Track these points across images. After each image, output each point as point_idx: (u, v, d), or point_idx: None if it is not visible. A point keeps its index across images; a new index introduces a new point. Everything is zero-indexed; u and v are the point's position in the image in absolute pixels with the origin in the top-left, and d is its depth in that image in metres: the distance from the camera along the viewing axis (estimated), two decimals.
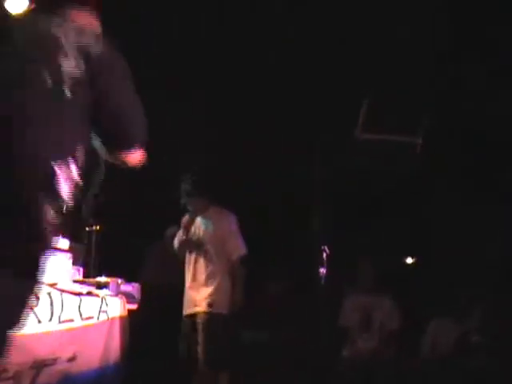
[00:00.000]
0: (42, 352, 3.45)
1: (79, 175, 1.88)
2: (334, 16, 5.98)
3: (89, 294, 3.96)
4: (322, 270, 5.47)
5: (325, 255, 5.53)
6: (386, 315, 6.27)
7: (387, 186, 8.06)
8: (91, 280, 4.43)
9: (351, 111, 6.67)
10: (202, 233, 5.01)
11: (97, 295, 4.00)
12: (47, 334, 3.49)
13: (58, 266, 4.22)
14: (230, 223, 5.05)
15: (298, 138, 7.26)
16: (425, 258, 9.07)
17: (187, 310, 4.94)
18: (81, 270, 4.72)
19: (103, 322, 4.01)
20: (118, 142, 2.03)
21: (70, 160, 1.84)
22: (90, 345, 3.88)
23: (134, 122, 2.00)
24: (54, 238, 1.83)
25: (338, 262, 5.96)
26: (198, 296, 4.90)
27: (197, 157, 7.14)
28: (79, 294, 3.85)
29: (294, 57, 6.42)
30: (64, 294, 3.71)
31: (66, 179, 1.82)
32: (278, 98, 6.88)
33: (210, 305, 4.82)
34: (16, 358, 3.25)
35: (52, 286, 3.77)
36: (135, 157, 2.12)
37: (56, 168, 1.79)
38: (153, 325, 5.73)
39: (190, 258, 5.04)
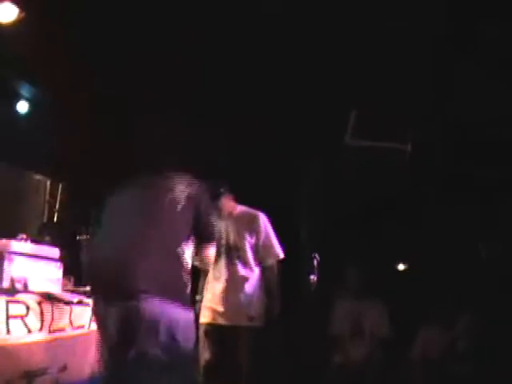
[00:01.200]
0: (33, 362, 3.44)
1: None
2: (323, 23, 6.00)
3: (79, 302, 3.95)
4: (313, 277, 5.47)
5: (315, 262, 5.53)
6: (376, 321, 6.29)
7: (377, 193, 8.08)
8: (82, 289, 4.41)
9: (341, 118, 6.68)
10: (233, 236, 4.61)
11: (87, 304, 3.99)
12: (38, 344, 3.48)
13: (49, 275, 4.22)
14: (264, 224, 4.64)
15: (286, 146, 7.28)
16: (415, 265, 9.09)
17: (217, 320, 4.51)
18: (71, 278, 4.71)
19: (94, 331, 3.99)
20: (204, 239, 3.48)
21: (186, 243, 3.27)
22: (80, 354, 3.87)
23: (213, 229, 3.53)
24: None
25: (328, 269, 5.97)
26: (234, 307, 4.49)
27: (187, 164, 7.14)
28: (70, 303, 3.85)
29: (284, 63, 6.44)
30: (54, 303, 3.70)
31: (187, 246, 3.29)
32: (265, 105, 6.90)
33: (251, 318, 4.43)
34: (6, 368, 3.25)
35: (42, 295, 3.76)
36: (212, 251, 3.60)
37: (182, 247, 3.23)
38: None
39: (217, 264, 4.52)
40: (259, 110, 6.96)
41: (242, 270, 4.55)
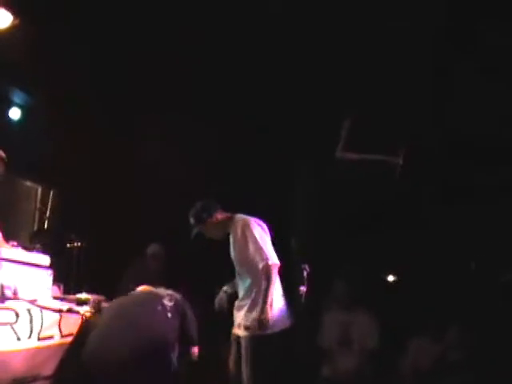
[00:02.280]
0: (22, 369, 3.42)
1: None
2: (314, 36, 6.02)
3: (69, 310, 3.94)
4: (303, 288, 5.45)
5: (305, 273, 5.52)
6: (365, 332, 6.29)
7: (368, 204, 8.09)
8: (71, 297, 4.40)
9: (332, 130, 6.70)
10: (232, 252, 4.66)
11: (77, 312, 3.98)
12: (27, 351, 3.46)
13: (39, 282, 4.20)
14: (252, 229, 4.57)
15: (278, 157, 7.29)
16: (405, 276, 9.11)
17: (234, 330, 4.61)
18: (61, 286, 4.70)
19: None
20: (189, 341, 4.12)
21: (175, 342, 3.93)
22: None
23: (195, 334, 4.14)
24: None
25: (318, 280, 5.97)
26: (238, 318, 4.58)
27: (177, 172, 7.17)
28: (59, 311, 3.83)
29: (277, 74, 6.45)
30: (44, 311, 3.69)
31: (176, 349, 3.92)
32: (257, 113, 6.91)
33: (246, 328, 4.44)
34: None
35: (32, 302, 3.75)
36: (196, 351, 4.21)
37: (171, 343, 3.88)
38: None
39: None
40: (252, 116, 6.98)
41: (243, 282, 4.60)
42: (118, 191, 7.18)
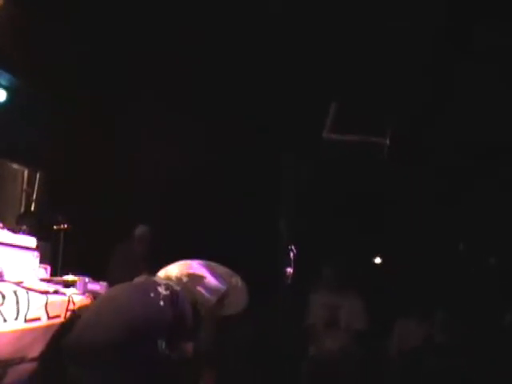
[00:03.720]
0: (8, 351, 3.42)
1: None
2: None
3: (56, 292, 3.93)
4: (289, 270, 5.48)
5: (292, 255, 5.55)
6: (353, 314, 6.34)
7: (356, 186, 8.12)
8: (58, 278, 4.39)
9: (318, 111, 6.70)
10: None
11: (64, 294, 3.97)
12: (13, 333, 3.46)
13: (25, 264, 4.20)
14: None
15: (265, 138, 7.30)
16: (392, 258, 9.16)
17: None
18: (48, 268, 4.69)
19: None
20: (183, 334, 3.89)
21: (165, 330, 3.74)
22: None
23: (189, 327, 3.92)
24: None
25: (306, 262, 6.01)
26: None
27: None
28: (46, 293, 3.82)
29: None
30: (30, 293, 3.68)
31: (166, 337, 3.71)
32: (244, 91, 6.92)
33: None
34: None
35: (18, 284, 3.75)
36: (190, 346, 3.97)
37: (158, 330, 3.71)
38: None
39: None
40: (246, 101, 7.00)
41: None
42: (104, 172, 7.17)
